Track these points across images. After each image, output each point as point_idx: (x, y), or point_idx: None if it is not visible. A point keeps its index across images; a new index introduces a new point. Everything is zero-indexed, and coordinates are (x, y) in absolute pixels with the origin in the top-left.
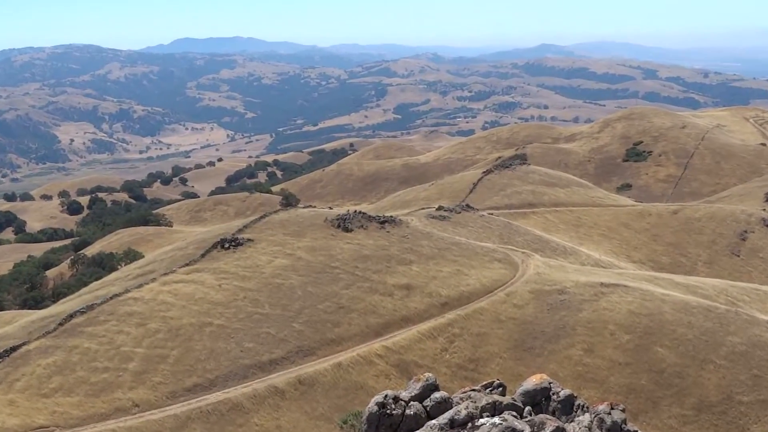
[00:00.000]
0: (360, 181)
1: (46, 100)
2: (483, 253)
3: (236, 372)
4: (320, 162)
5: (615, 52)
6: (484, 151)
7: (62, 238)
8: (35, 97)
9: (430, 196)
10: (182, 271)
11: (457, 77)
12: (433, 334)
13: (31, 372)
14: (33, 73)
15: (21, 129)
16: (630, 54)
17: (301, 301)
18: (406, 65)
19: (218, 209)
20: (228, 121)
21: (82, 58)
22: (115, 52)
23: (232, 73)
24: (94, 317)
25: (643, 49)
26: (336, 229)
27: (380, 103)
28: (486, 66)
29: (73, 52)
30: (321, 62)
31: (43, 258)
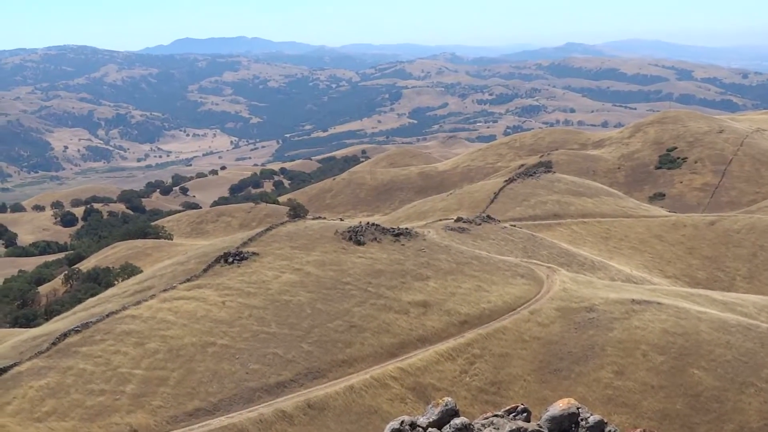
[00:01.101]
0: (373, 191)
1: (39, 105)
2: (505, 268)
3: (241, 395)
4: (330, 170)
5: (646, 51)
6: (506, 159)
7: (55, 251)
8: (27, 102)
9: (448, 207)
10: (183, 287)
11: (477, 79)
12: (451, 355)
13: (23, 395)
14: (24, 76)
15: (12, 135)
16: (663, 53)
17: (310, 319)
18: (423, 66)
19: (221, 221)
20: (232, 126)
21: (76, 60)
22: (112, 54)
23: (236, 75)
24: (89, 336)
25: (677, 47)
26: (347, 242)
27: (395, 107)
28: (508, 67)
29: (67, 54)
30: (331, 63)
31: (35, 273)
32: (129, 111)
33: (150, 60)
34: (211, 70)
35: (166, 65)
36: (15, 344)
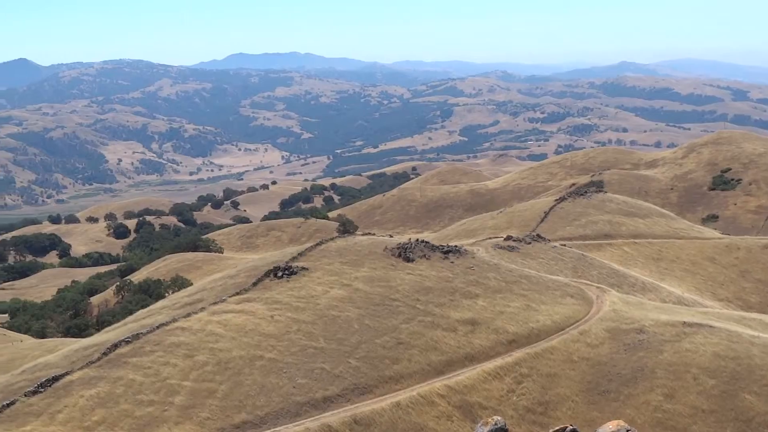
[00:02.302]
0: (423, 208)
1: (94, 118)
2: (554, 288)
3: (288, 409)
4: (380, 187)
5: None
6: (557, 177)
7: (108, 263)
8: (83, 115)
9: (497, 225)
10: (233, 300)
11: (528, 97)
12: (499, 374)
13: (74, 403)
14: (81, 89)
15: (68, 148)
16: (718, 73)
17: (358, 335)
18: (474, 84)
19: (271, 235)
20: (283, 141)
21: (131, 74)
22: (167, 68)
23: (289, 90)
24: (139, 347)
25: (733, 67)
26: (396, 258)
27: (445, 124)
28: (560, 85)
29: (122, 68)
30: (383, 80)
31: (87, 284)
32: (182, 125)
33: (204, 75)
34: (264, 86)
35: (220, 80)
36: (67, 353)
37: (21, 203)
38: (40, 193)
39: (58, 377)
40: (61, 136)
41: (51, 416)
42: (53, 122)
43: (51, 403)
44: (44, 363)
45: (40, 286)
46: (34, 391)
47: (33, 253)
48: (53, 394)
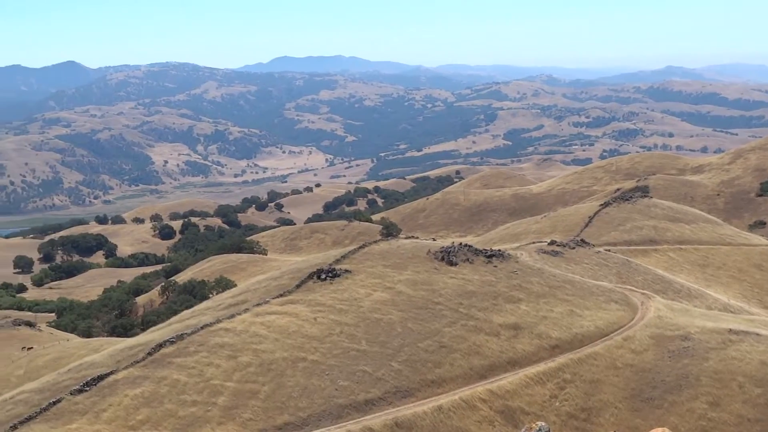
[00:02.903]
0: (466, 212)
1: (141, 120)
2: (598, 293)
3: (330, 411)
4: (424, 190)
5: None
6: (602, 182)
7: (153, 263)
8: (129, 117)
9: (541, 230)
10: (276, 302)
11: (573, 101)
12: (542, 379)
13: (119, 402)
14: (128, 91)
15: (114, 149)
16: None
17: (401, 338)
18: (519, 88)
19: (315, 238)
20: (327, 144)
21: (178, 76)
22: (212, 71)
23: (333, 93)
24: (183, 348)
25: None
26: (439, 262)
27: (489, 128)
28: (605, 89)
29: (169, 71)
30: (427, 83)
31: (133, 284)
32: (227, 127)
33: (249, 77)
34: (308, 89)
35: (265, 83)
36: (112, 353)
37: (69, 204)
38: (87, 194)
39: (103, 376)
40: (108, 138)
41: (96, 415)
42: (101, 124)
43: (96, 402)
44: (90, 362)
45: (86, 285)
46: (79, 389)
47: (80, 253)
48: (98, 392)
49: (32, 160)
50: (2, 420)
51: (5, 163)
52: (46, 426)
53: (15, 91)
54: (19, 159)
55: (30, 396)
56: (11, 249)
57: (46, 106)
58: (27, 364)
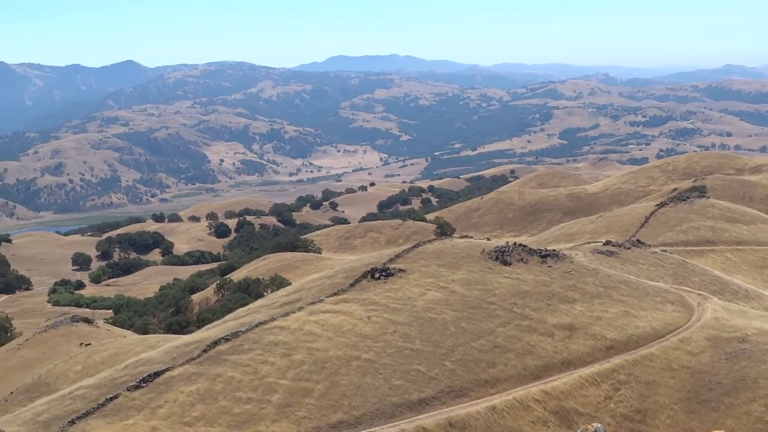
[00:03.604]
0: (521, 211)
1: (197, 119)
2: (654, 294)
3: (383, 410)
4: (478, 189)
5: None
6: (658, 182)
7: (209, 261)
8: (186, 116)
9: (596, 230)
10: (330, 300)
11: (629, 100)
12: (596, 380)
13: (174, 399)
14: (185, 90)
15: (171, 148)
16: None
17: (454, 337)
18: (575, 87)
19: (369, 236)
20: (382, 143)
21: (234, 75)
22: (268, 70)
23: (388, 93)
24: (238, 345)
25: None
26: (494, 262)
27: (545, 127)
28: (662, 88)
29: (225, 70)
30: (482, 82)
31: (189, 281)
32: (283, 126)
33: (304, 77)
34: (364, 88)
35: (320, 82)
36: (168, 350)
37: (126, 202)
38: (144, 192)
39: (159, 373)
40: (165, 137)
41: (152, 411)
42: (158, 123)
43: (152, 398)
44: (146, 358)
45: (143, 283)
46: (136, 385)
47: (137, 250)
48: (155, 389)
49: (91, 158)
50: (61, 415)
51: (65, 162)
52: (103, 421)
53: (75, 91)
54: (78, 157)
55: (88, 392)
56: (70, 246)
57: (105, 105)
58: (85, 360)
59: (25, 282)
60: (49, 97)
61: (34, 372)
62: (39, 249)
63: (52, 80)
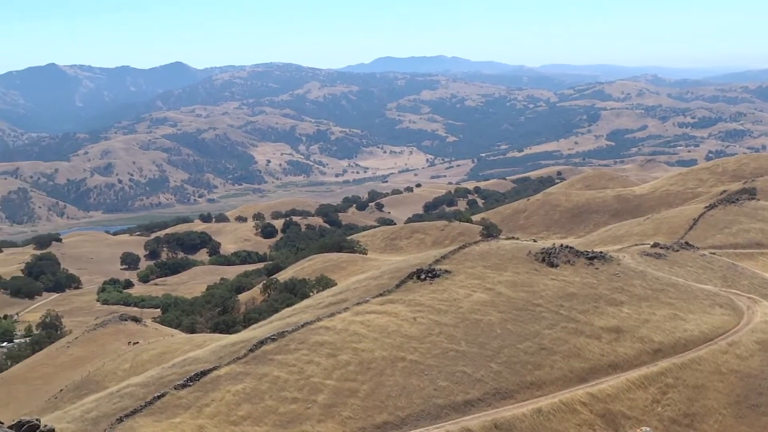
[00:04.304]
0: (567, 213)
1: (245, 120)
2: (703, 297)
3: (429, 411)
4: (525, 191)
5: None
6: (707, 184)
7: (255, 261)
8: (234, 117)
9: (644, 232)
10: (376, 301)
11: (678, 101)
12: (643, 384)
13: (221, 398)
14: (233, 92)
15: (219, 148)
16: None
17: (500, 339)
18: (623, 88)
19: (415, 237)
20: (428, 144)
21: (281, 77)
22: (315, 71)
23: (434, 94)
24: (284, 345)
25: None
26: (540, 263)
27: (592, 129)
28: (712, 89)
29: (273, 71)
30: (529, 84)
31: (235, 281)
32: (329, 127)
33: (351, 78)
34: (410, 89)
35: (367, 83)
36: (215, 349)
37: (174, 202)
38: (192, 193)
39: (206, 372)
40: (213, 137)
41: (199, 409)
42: (206, 124)
43: (199, 397)
44: (193, 357)
45: (190, 282)
46: (183, 384)
47: (184, 250)
48: (201, 388)
49: (140, 159)
50: (109, 413)
51: (114, 162)
52: (150, 419)
53: (124, 92)
54: (127, 158)
55: (135, 390)
56: (119, 246)
57: (154, 106)
58: (133, 358)
59: (75, 281)
60: (99, 99)
61: (84, 369)
62: (88, 248)
63: (102, 82)
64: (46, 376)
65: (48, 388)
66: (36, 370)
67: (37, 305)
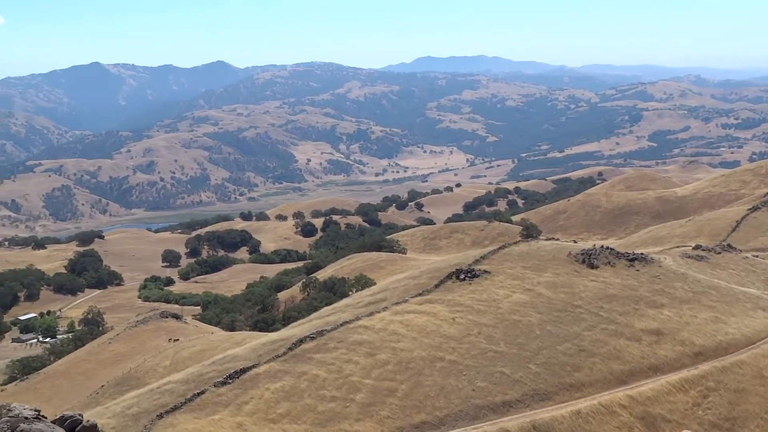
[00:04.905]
0: (608, 214)
1: (285, 119)
2: (745, 300)
3: (467, 412)
4: (565, 191)
5: None
6: (751, 186)
7: (295, 260)
8: (275, 116)
9: (686, 234)
10: (415, 301)
11: (722, 102)
12: (684, 387)
13: (260, 396)
14: (274, 91)
15: (260, 147)
16: None
17: (539, 340)
18: (665, 88)
19: (454, 237)
20: (468, 144)
21: (322, 76)
22: (356, 71)
23: (475, 94)
24: (323, 344)
25: None
26: (580, 264)
27: (633, 129)
28: (756, 90)
29: (314, 70)
30: (570, 84)
31: (275, 280)
32: (369, 127)
33: (392, 77)
34: (451, 89)
35: (407, 83)
36: (254, 347)
37: (215, 200)
38: (232, 191)
39: (245, 369)
40: (254, 136)
41: (238, 407)
42: (247, 122)
43: (238, 395)
44: (233, 355)
45: (230, 280)
46: (223, 381)
47: (225, 248)
48: (241, 385)
49: (181, 157)
50: (149, 409)
51: (156, 160)
52: (190, 416)
53: (167, 91)
54: (169, 156)
55: (176, 386)
56: (160, 243)
57: (196, 104)
58: (173, 355)
59: (117, 277)
60: (142, 97)
61: (124, 366)
62: (130, 245)
63: (145, 80)
64: (87, 371)
65: (89, 383)
66: (78, 365)
67: (80, 301)
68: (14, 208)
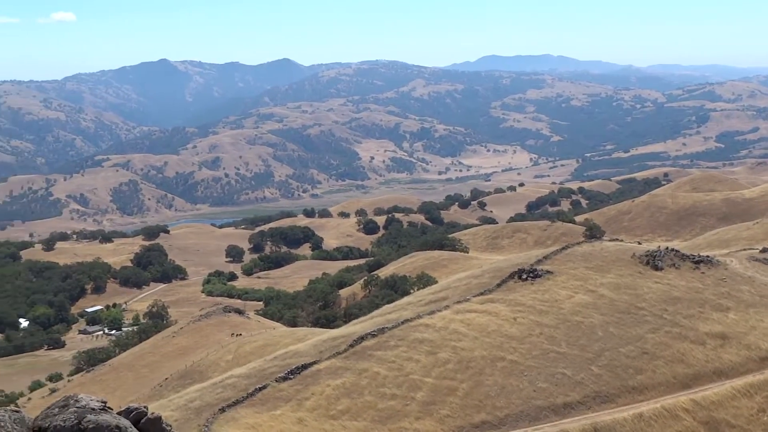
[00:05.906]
0: (673, 215)
1: (349, 117)
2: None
3: (527, 413)
4: (630, 192)
5: None
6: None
7: (357, 257)
8: (339, 113)
9: (754, 236)
10: (476, 300)
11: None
12: (749, 392)
13: (321, 392)
14: (338, 88)
15: (324, 144)
16: None
17: (602, 342)
18: (734, 88)
19: (516, 237)
20: (532, 144)
21: (386, 74)
22: (420, 69)
23: (539, 93)
24: (384, 341)
25: None
26: (644, 266)
27: (700, 130)
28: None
29: (378, 68)
30: (636, 84)
31: (337, 276)
32: (433, 125)
33: (456, 76)
34: (515, 88)
35: (471, 81)
36: (315, 343)
37: (278, 197)
38: (296, 188)
39: (307, 365)
40: (318, 134)
41: (299, 402)
42: (311, 120)
43: (299, 390)
44: (294, 351)
45: (292, 276)
46: (284, 377)
47: (287, 244)
48: (302, 381)
49: (246, 153)
50: (212, 402)
51: (222, 156)
52: (251, 410)
53: (233, 88)
54: (234, 152)
55: (238, 381)
56: (224, 238)
57: (261, 101)
58: (236, 349)
59: (181, 272)
60: (208, 94)
61: (188, 359)
62: (195, 240)
63: (212, 77)
64: (152, 364)
65: (153, 376)
66: (142, 358)
67: (145, 295)
68: (83, 202)
